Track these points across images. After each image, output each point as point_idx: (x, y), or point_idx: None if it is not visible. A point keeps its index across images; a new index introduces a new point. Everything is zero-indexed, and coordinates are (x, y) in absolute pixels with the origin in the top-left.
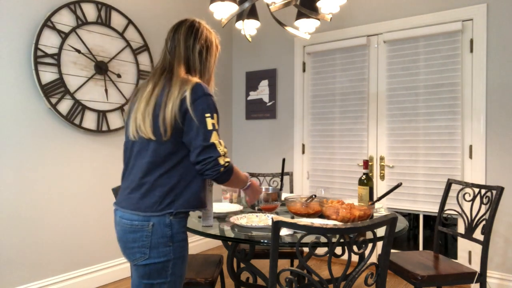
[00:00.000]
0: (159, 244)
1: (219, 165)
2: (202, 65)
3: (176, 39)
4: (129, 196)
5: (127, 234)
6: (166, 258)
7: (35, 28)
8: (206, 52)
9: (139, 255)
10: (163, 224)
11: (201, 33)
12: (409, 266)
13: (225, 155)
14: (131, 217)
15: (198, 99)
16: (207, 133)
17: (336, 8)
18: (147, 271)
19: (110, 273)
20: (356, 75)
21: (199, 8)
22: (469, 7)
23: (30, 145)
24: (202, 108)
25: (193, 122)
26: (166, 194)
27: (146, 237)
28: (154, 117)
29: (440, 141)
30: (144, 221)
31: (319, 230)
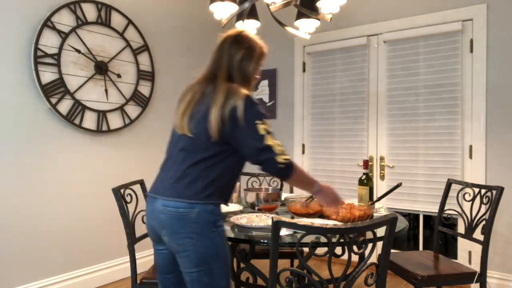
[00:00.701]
0: (204, 230)
1: (277, 162)
2: (243, 72)
3: (221, 49)
4: (174, 185)
5: (174, 220)
6: (213, 242)
7: (35, 28)
8: (248, 60)
9: (187, 240)
10: (205, 211)
11: (244, 42)
12: (409, 266)
13: (282, 153)
14: (176, 205)
15: (247, 109)
16: (260, 138)
17: (336, 8)
18: (200, 256)
19: (110, 273)
20: (356, 75)
21: (199, 8)
22: (469, 7)
23: (30, 145)
24: (253, 117)
25: (245, 131)
26: (207, 185)
27: (193, 223)
28: (201, 119)
29: (440, 141)
30: (189, 208)
31: (319, 230)
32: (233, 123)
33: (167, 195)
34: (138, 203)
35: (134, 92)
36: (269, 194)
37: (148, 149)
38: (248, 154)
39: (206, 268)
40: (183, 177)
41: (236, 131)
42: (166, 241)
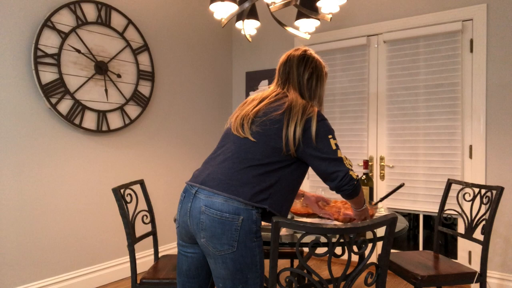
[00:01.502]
0: (245, 239)
1: (353, 179)
2: (312, 91)
3: (288, 65)
4: (225, 180)
5: (215, 224)
6: (252, 252)
7: (35, 28)
8: (316, 79)
9: (227, 246)
10: (250, 220)
11: (311, 62)
12: (409, 266)
13: (352, 170)
14: (221, 208)
15: (320, 124)
16: (333, 151)
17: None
18: (237, 265)
19: (110, 273)
20: (356, 75)
21: (199, 8)
22: (469, 7)
23: (30, 145)
24: (325, 131)
25: (319, 145)
26: (262, 190)
27: (235, 231)
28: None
29: (440, 141)
30: (235, 214)
31: (319, 230)
32: (306, 137)
33: (216, 188)
34: (138, 203)
35: (134, 92)
36: None
37: (148, 149)
38: (320, 166)
39: (242, 277)
40: (237, 175)
41: (308, 144)
42: (203, 243)
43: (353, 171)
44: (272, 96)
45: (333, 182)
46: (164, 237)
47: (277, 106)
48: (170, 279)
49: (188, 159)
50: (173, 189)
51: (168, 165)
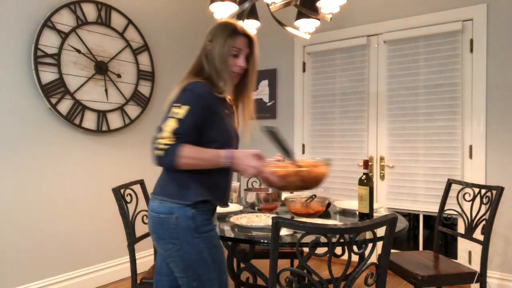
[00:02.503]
0: (185, 237)
1: (155, 148)
2: (209, 63)
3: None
4: (158, 182)
5: (157, 225)
6: (196, 249)
7: (35, 28)
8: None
9: (171, 245)
10: (185, 217)
11: (212, 29)
12: (409, 266)
13: (167, 137)
14: (157, 209)
15: (179, 93)
16: (164, 119)
17: (336, 8)
18: (185, 262)
19: (110, 273)
20: (356, 75)
21: (199, 8)
22: (469, 7)
23: (30, 145)
24: (175, 100)
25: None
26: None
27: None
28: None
29: (440, 141)
30: (168, 213)
31: (319, 230)
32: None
33: (154, 192)
34: (138, 203)
35: (134, 92)
36: (269, 194)
37: (148, 149)
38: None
39: (193, 274)
40: (164, 176)
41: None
42: (155, 245)
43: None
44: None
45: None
46: None
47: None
48: None
49: None
50: None
51: None
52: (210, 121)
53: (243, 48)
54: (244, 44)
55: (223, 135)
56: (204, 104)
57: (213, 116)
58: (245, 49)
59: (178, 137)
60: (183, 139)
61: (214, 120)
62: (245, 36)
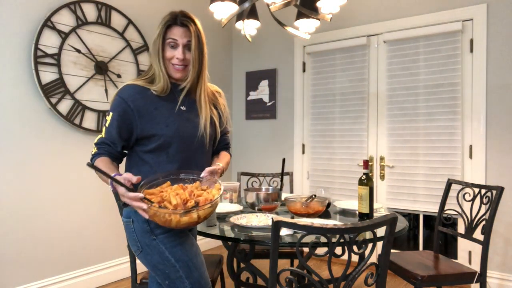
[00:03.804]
0: (144, 239)
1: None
2: (151, 60)
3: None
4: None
5: (125, 229)
6: (157, 250)
7: (35, 28)
8: (153, 46)
9: (135, 247)
10: (141, 221)
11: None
12: (409, 266)
13: (94, 147)
14: (124, 213)
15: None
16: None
17: (336, 8)
18: (150, 263)
19: (110, 273)
20: (356, 75)
21: (199, 8)
22: (469, 7)
23: (30, 145)
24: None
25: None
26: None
27: (133, 233)
28: None
29: (440, 141)
30: (126, 217)
31: (319, 230)
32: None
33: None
34: None
35: None
36: (269, 194)
37: None
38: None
39: (161, 273)
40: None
41: None
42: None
43: (93, 148)
44: None
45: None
46: None
47: None
48: None
49: None
50: None
51: None
52: (141, 122)
53: (179, 39)
54: (181, 34)
55: (162, 132)
56: (126, 108)
57: (143, 116)
58: (182, 39)
59: (99, 147)
60: (105, 148)
61: (147, 119)
62: (182, 25)
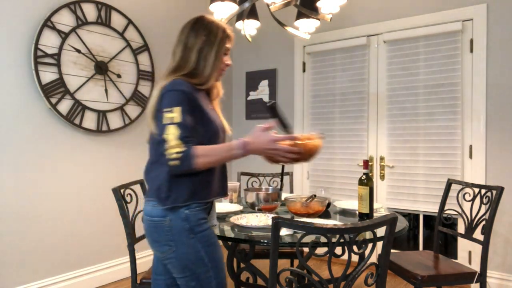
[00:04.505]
0: (181, 238)
1: (169, 159)
2: (199, 62)
3: (179, 39)
4: (148, 186)
5: (151, 229)
6: (193, 249)
7: (35, 28)
8: (209, 47)
9: (167, 247)
10: (179, 219)
11: (203, 27)
12: (409, 266)
13: (177, 146)
14: (150, 212)
15: (161, 99)
16: (162, 128)
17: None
18: (182, 263)
19: (110, 273)
20: (356, 75)
21: (199, 8)
22: (469, 7)
23: (30, 145)
24: (163, 105)
25: (155, 120)
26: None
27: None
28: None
29: (440, 141)
30: (162, 216)
31: (319, 230)
32: (152, 112)
33: (146, 196)
34: (138, 203)
35: (134, 92)
36: (269, 194)
37: (148, 149)
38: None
39: (191, 274)
40: (152, 180)
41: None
42: (151, 248)
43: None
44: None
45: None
46: None
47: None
48: None
49: None
50: None
51: None
52: (197, 116)
53: (230, 48)
54: (232, 44)
55: (210, 128)
56: (190, 99)
57: (198, 110)
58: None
59: (187, 141)
60: (191, 141)
61: (201, 114)
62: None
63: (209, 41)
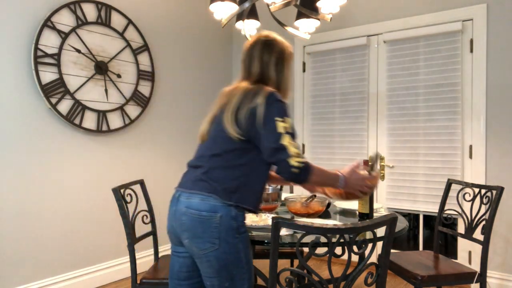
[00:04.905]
0: (227, 236)
1: (291, 166)
2: (278, 77)
3: (250, 55)
4: (199, 179)
5: (195, 223)
6: (235, 249)
7: (35, 28)
8: (281, 64)
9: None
10: (229, 217)
11: (274, 46)
12: (409, 266)
13: (298, 156)
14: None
15: (268, 105)
16: (277, 136)
17: (336, 8)
18: (221, 262)
19: (110, 273)
20: (356, 75)
21: (199, 8)
22: (469, 7)
23: (30, 145)
24: (273, 113)
25: (264, 127)
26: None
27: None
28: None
29: (440, 141)
30: (212, 211)
31: (319, 230)
32: (252, 119)
33: (194, 188)
34: (138, 203)
35: (134, 92)
36: (269, 194)
37: (148, 149)
38: (264, 152)
39: (228, 274)
40: (208, 173)
41: (255, 127)
42: (187, 244)
43: (298, 157)
44: (231, 91)
45: (276, 168)
46: (164, 237)
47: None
48: None
49: (188, 159)
50: (173, 189)
51: (168, 165)
52: None
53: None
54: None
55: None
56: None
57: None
58: None
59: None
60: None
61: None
62: None
63: (282, 58)
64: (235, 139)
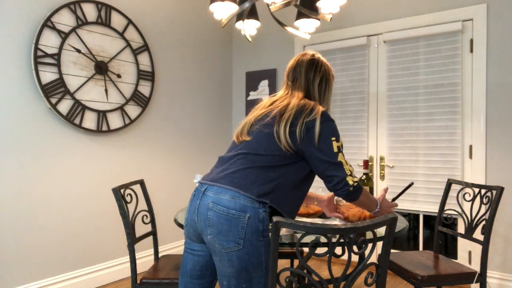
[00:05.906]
0: (251, 238)
1: (349, 185)
2: (321, 95)
3: (297, 71)
4: (231, 175)
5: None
6: (258, 251)
7: (35, 28)
8: (325, 83)
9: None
10: (257, 219)
11: (320, 66)
12: (409, 266)
13: (351, 175)
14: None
15: (324, 124)
16: (334, 155)
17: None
18: (242, 263)
19: (110, 273)
20: (356, 75)
21: (199, 8)
22: (469, 7)
23: (30, 145)
24: (329, 133)
25: (320, 144)
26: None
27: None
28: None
29: (440, 141)
30: (241, 211)
31: (319, 230)
32: (309, 135)
33: (225, 184)
34: (138, 203)
35: (134, 92)
36: None
37: (148, 149)
38: (319, 168)
39: (247, 276)
40: (243, 172)
41: (310, 144)
42: (209, 240)
43: (352, 176)
44: (276, 100)
45: (329, 184)
46: (164, 237)
47: (276, 107)
48: (171, 279)
49: (188, 158)
50: (173, 189)
51: (168, 165)
52: None
53: None
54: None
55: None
56: None
57: None
58: None
59: (354, 174)
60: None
61: None
62: None
63: (327, 79)
64: (284, 149)
